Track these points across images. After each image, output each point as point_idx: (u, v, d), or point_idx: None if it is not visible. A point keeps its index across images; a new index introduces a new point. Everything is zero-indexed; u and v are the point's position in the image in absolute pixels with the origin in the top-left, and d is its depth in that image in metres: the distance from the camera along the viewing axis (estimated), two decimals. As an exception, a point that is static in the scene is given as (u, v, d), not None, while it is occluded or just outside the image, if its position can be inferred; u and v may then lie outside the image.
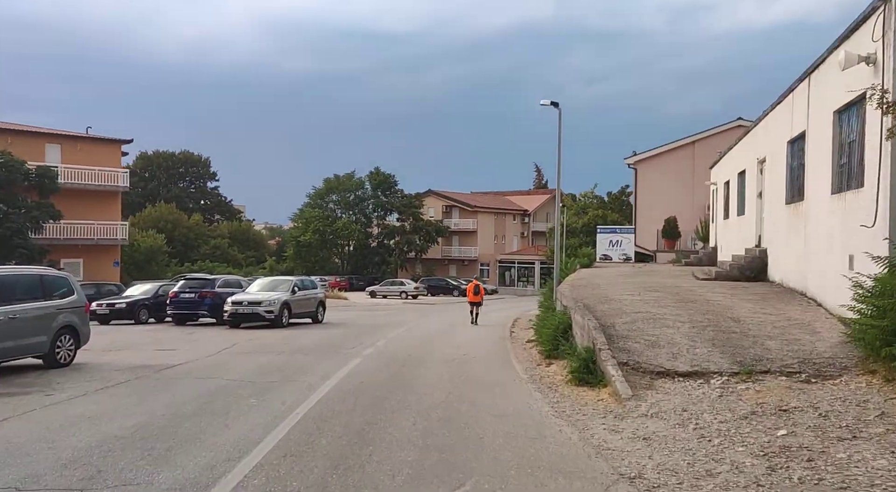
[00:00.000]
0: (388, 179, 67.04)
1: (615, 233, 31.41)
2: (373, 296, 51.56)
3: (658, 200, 39.46)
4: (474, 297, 26.61)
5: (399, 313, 32.56)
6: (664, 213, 38.64)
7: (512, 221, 75.13)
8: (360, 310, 36.63)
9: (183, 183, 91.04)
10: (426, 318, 29.12)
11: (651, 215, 40.15)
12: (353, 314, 31.07)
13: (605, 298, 13.25)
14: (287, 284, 22.57)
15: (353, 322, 24.72)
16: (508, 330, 22.48)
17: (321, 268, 67.36)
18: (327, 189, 67.47)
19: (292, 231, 67.32)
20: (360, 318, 27.97)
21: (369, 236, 68.46)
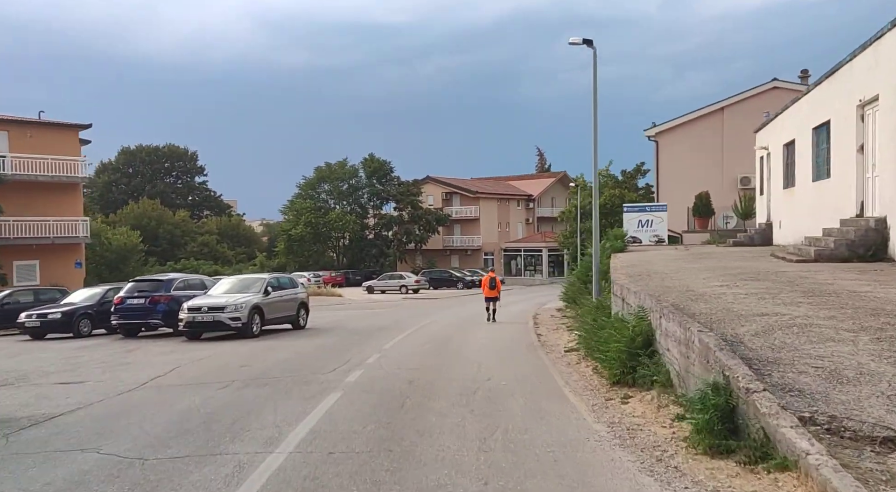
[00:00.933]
0: (383, 166, 62.77)
1: (644, 212, 27.25)
2: (370, 291, 47.47)
3: (683, 175, 35.43)
4: (490, 291, 22.67)
5: (398, 312, 28.44)
6: (690, 189, 34.68)
7: (516, 206, 70.92)
8: (354, 308, 32.52)
9: (169, 178, 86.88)
10: (430, 316, 25.01)
11: (675, 192, 36.14)
12: (345, 315, 26.94)
13: (691, 293, 9.06)
14: (259, 284, 18.42)
15: (343, 326, 20.60)
16: (532, 330, 18.38)
17: (315, 262, 63.25)
18: (319, 178, 63.20)
19: (283, 224, 63.17)
20: (352, 320, 23.84)
21: (365, 228, 64.27)
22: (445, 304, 35.55)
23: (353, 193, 63.62)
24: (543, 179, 76.37)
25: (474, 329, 19.08)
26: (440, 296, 43.91)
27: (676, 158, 36.65)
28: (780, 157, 21.37)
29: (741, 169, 34.33)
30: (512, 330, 19.10)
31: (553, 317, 23.40)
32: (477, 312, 27.84)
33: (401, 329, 19.04)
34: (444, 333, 17.94)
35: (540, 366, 11.33)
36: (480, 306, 33.84)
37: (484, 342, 15.29)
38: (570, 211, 42.53)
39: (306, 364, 12.00)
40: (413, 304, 36.28)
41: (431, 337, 16.62)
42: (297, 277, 57.56)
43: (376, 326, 20.60)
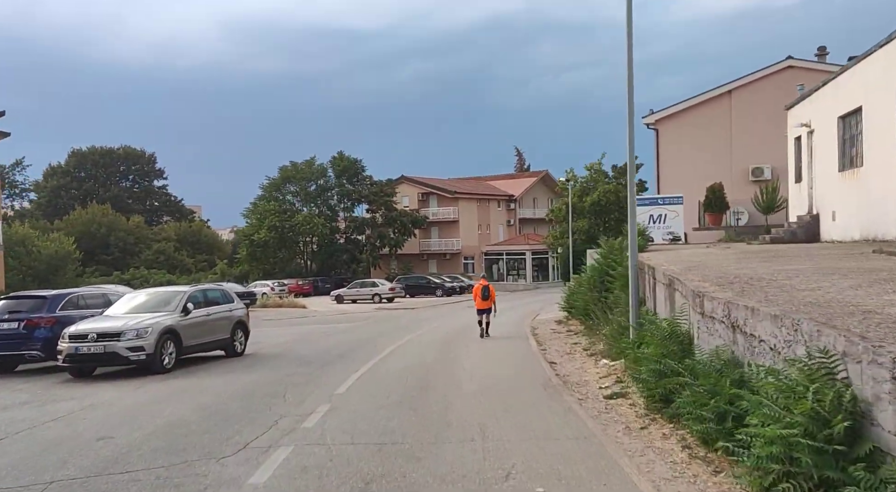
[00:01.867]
0: (353, 165, 58.12)
1: (657, 205, 23.22)
2: (339, 301, 42.82)
3: (686, 167, 31.60)
4: (483, 302, 18.78)
5: (367, 327, 23.93)
6: (695, 182, 30.88)
7: (497, 208, 66.77)
8: (316, 322, 27.92)
9: (126, 182, 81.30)
10: (406, 333, 20.55)
11: (678, 186, 32.29)
12: (303, 332, 22.36)
13: (875, 315, 4.81)
14: (176, 300, 13.80)
15: (293, 351, 16.04)
16: (539, 353, 14.08)
17: (280, 270, 58.35)
18: (284, 179, 58.33)
19: (245, 229, 58.19)
20: (308, 340, 19.28)
21: (335, 231, 59.53)
22: (424, 314, 31.15)
23: (321, 195, 58.88)
24: (524, 179, 72.41)
25: (463, 353, 14.68)
26: (417, 304, 39.47)
27: (679, 149, 32.86)
28: (832, 133, 17.35)
29: (753, 159, 30.57)
30: (513, 351, 14.76)
31: (556, 332, 19.15)
32: (462, 325, 23.53)
33: (366, 355, 14.58)
34: (424, 360, 13.51)
35: (582, 432, 6.93)
36: (463, 317, 29.54)
37: (481, 379, 10.88)
38: (559, 209, 38.49)
39: (204, 434, 7.46)
40: (387, 315, 31.78)
41: (406, 370, 12.17)
42: (260, 285, 52.85)
43: (336, 349, 16.11)
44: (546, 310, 30.23)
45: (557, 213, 38.65)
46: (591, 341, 14.79)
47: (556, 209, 38.58)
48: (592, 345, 14.12)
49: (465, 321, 26.01)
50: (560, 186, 38.84)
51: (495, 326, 19.59)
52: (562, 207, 38.00)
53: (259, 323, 28.92)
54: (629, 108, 11.22)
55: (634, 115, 11.83)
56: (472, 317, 29.37)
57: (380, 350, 15.46)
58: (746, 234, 26.48)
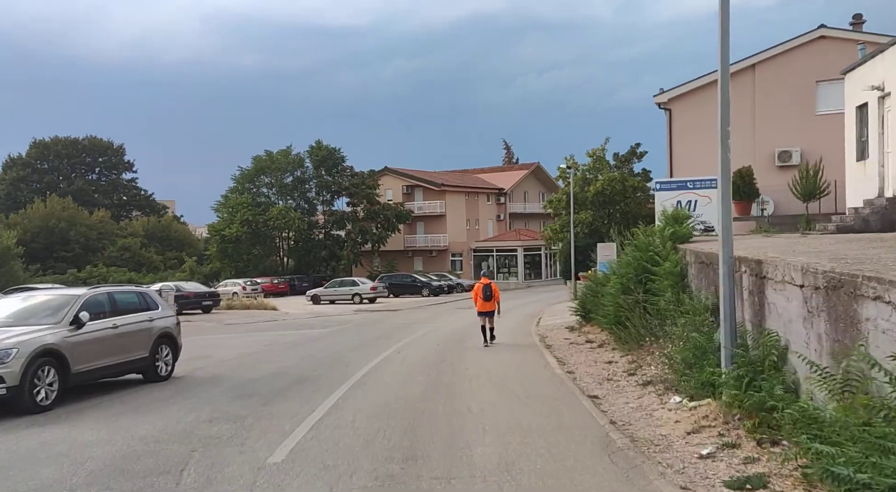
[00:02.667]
0: (332, 154, 54.05)
1: (685, 190, 19.63)
2: (315, 302, 38.87)
3: (703, 151, 28.05)
4: (486, 304, 15.91)
5: (341, 335, 20.06)
6: (714, 167, 27.11)
7: (486, 202, 63.02)
8: (284, 327, 24.00)
9: (92, 175, 76.64)
10: (388, 344, 16.71)
11: (693, 173, 28.84)
12: (264, 342, 18.44)
13: None
14: (66, 308, 9.91)
15: (237, 375, 12.15)
16: (565, 376, 10.31)
17: (254, 268, 54.20)
18: (257, 170, 54.14)
19: (216, 224, 53.94)
20: (265, 354, 15.40)
21: (313, 226, 55.49)
22: (410, 317, 27.34)
23: (298, 187, 54.78)
24: (515, 172, 68.77)
25: (464, 378, 10.88)
26: (402, 305, 35.65)
27: (694, 131, 29.35)
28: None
29: (779, 141, 27.17)
30: (530, 374, 11.00)
31: (574, 344, 15.46)
32: (455, 332, 19.83)
33: (332, 381, 10.77)
34: (410, 392, 9.69)
35: None
36: (455, 320, 25.78)
37: (500, 435, 7.04)
38: (559, 200, 34.84)
39: None
40: (367, 319, 27.94)
41: (383, 412, 8.32)
42: (231, 285, 48.72)
43: (295, 370, 12.27)
44: (549, 313, 26.56)
45: (556, 204, 35.04)
46: (633, 360, 11.10)
47: (555, 200, 34.96)
48: (637, 367, 10.43)
49: (458, 326, 22.26)
50: (560, 173, 35.24)
51: (496, 332, 15.92)
52: (562, 198, 34.37)
53: (218, 329, 25.01)
54: (721, 65, 7.50)
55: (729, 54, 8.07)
56: (465, 320, 25.66)
57: (351, 372, 11.64)
58: (782, 224, 23.05)
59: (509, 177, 66.80)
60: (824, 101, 26.86)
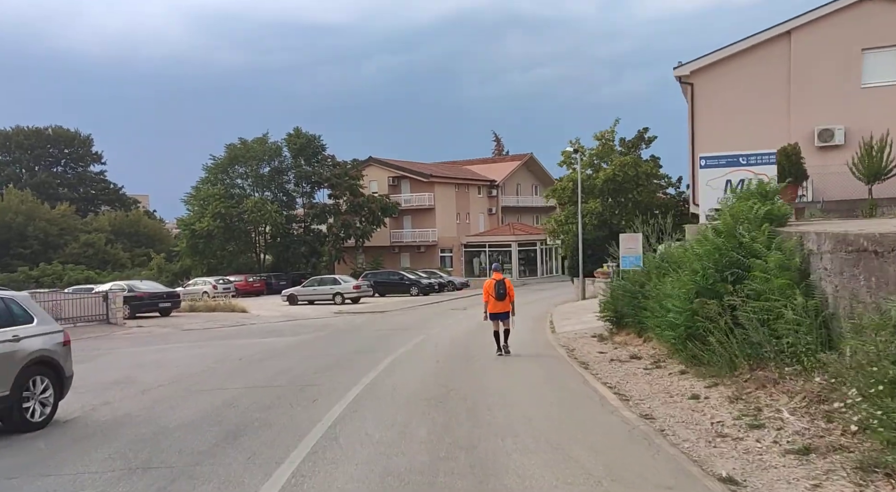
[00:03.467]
0: (312, 142, 50.04)
1: (737, 166, 16.01)
2: (291, 302, 34.98)
3: (731, 130, 24.84)
4: (499, 303, 13.28)
5: (314, 348, 16.19)
6: (742, 149, 24.03)
7: (477, 194, 59.29)
8: (248, 336, 20.08)
9: (58, 167, 71.99)
10: (371, 360, 12.93)
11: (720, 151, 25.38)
12: (215, 359, 14.52)
13: None
14: None
15: (149, 417, 8.26)
16: (650, 429, 6.54)
17: (229, 264, 50.14)
18: (231, 159, 50.00)
19: (187, 218, 49.74)
20: (204, 379, 11.51)
21: (292, 220, 51.49)
22: (398, 320, 23.56)
23: (276, 178, 50.72)
24: (507, 163, 65.12)
25: (489, 424, 7.12)
26: (389, 306, 31.87)
27: (720, 106, 26.11)
28: None
29: (819, 118, 23.79)
30: (587, 417, 7.23)
31: (616, 361, 11.80)
32: (453, 340, 16.16)
33: (280, 441, 7.00)
34: (413, 462, 5.98)
35: None
36: (452, 324, 21.97)
37: None
38: (564, 188, 31.17)
39: None
40: (348, 323, 24.15)
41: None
42: (200, 283, 44.72)
43: (233, 414, 8.43)
44: (559, 315, 22.91)
45: (560, 193, 31.34)
46: (736, 396, 7.40)
47: (559, 188, 31.25)
48: (756, 411, 6.74)
49: (456, 332, 18.54)
50: (564, 159, 31.61)
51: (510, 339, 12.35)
52: (567, 185, 30.73)
53: (169, 337, 21.08)
54: None
55: None
56: (464, 325, 21.92)
57: (316, 417, 7.84)
58: (834, 211, 19.68)
59: (501, 168, 63.17)
60: (872, 72, 23.52)
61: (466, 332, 18.73)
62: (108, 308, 24.07)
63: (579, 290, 28.89)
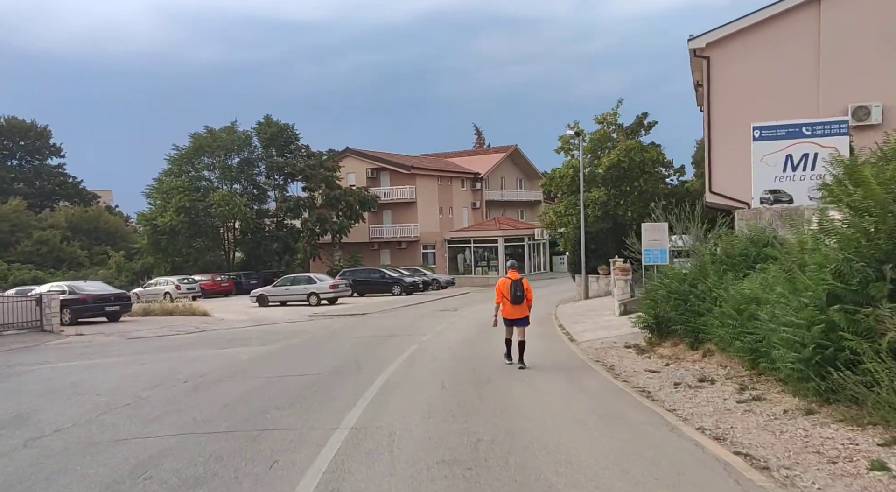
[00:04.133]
0: (284, 132, 46.60)
1: (800, 138, 13.29)
2: (262, 303, 31.69)
3: (752, 108, 22.19)
4: (516, 308, 11.28)
5: (280, 366, 12.97)
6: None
7: (460, 187, 56.31)
8: (207, 346, 16.71)
9: (12, 160, 67.44)
10: (355, 384, 9.87)
11: (739, 135, 22.82)
12: (152, 378, 11.18)
13: None
14: None
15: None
16: None
17: (195, 262, 46.50)
18: (196, 149, 46.34)
19: (148, 213, 45.96)
20: (121, 423, 8.17)
21: (264, 215, 48.01)
22: (382, 325, 20.44)
23: (245, 169, 47.18)
24: (491, 155, 62.19)
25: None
26: (370, 307, 28.72)
27: (740, 82, 23.50)
28: None
29: (853, 94, 21.27)
30: None
31: (672, 381, 8.88)
32: (453, 353, 13.15)
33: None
34: None
35: None
36: (447, 331, 18.78)
37: None
38: (563, 176, 28.25)
39: None
40: (324, 329, 21.00)
41: None
42: (164, 283, 40.98)
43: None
44: (566, 317, 19.99)
45: (557, 182, 28.44)
46: None
47: (557, 177, 28.31)
48: None
49: (453, 340, 15.52)
50: (562, 144, 28.65)
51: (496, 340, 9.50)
52: (566, 173, 27.84)
53: (110, 348, 17.55)
54: None
55: None
56: (461, 331, 18.78)
57: None
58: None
59: (485, 161, 60.26)
60: (917, 41, 21.14)
61: (465, 340, 15.74)
62: (41, 313, 20.61)
63: (581, 288, 26.06)
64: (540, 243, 51.79)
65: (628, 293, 17.19)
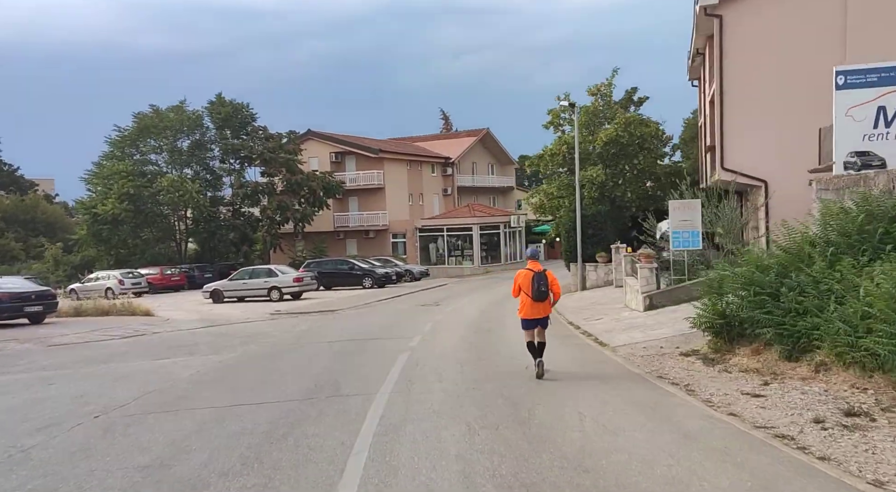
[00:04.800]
0: (239, 111, 42.68)
1: (882, 85, 10.72)
2: (216, 300, 28.18)
3: (771, 73, 20.15)
4: (537, 305, 8.91)
5: (231, 386, 9.62)
6: (784, 96, 19.68)
7: (430, 173, 53.14)
8: (138, 356, 13.18)
9: (-60, 146, 61.73)
10: (338, 422, 6.82)
11: (753, 106, 20.79)
12: (58, 401, 7.74)
13: None
14: None
15: None
16: None
17: (143, 255, 42.34)
18: (140, 130, 42.09)
19: (88, 200, 41.56)
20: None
21: (219, 202, 44.09)
22: (357, 326, 17.28)
23: (197, 153, 43.13)
24: (461, 139, 59.08)
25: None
26: (339, 303, 25.49)
27: (758, 40, 21.30)
28: None
29: (888, 55, 18.99)
30: None
31: (750, 394, 6.02)
32: (456, 357, 10.10)
33: None
34: None
35: None
36: (436, 331, 15.78)
37: None
38: (553, 154, 25.34)
39: None
40: (287, 332, 17.75)
41: None
42: (105, 277, 36.77)
43: None
44: (576, 313, 17.19)
45: (547, 161, 25.55)
46: None
47: (548, 154, 25.35)
48: None
49: (450, 343, 12.42)
50: (552, 118, 25.75)
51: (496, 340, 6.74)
52: (560, 150, 24.96)
53: (19, 359, 13.34)
54: None
55: None
56: (454, 329, 15.80)
57: None
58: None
59: (455, 145, 57.16)
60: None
61: (464, 344, 12.73)
62: (-62, 317, 16.89)
63: (578, 278, 23.35)
64: (516, 231, 49.11)
65: (654, 284, 14.46)
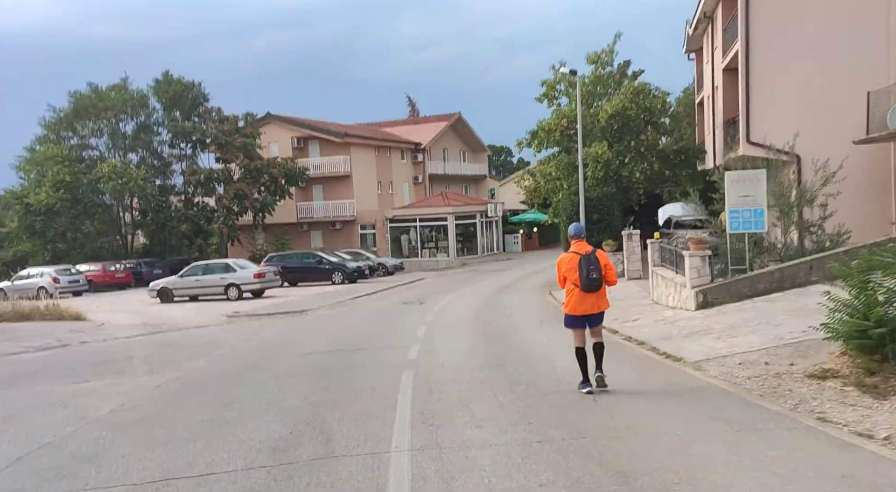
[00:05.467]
0: (189, 90, 38.63)
1: None
2: (165, 299, 24.57)
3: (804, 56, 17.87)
4: (588, 297, 6.78)
5: (170, 431, 6.46)
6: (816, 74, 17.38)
7: (400, 160, 49.83)
8: (55, 378, 9.51)
9: None
10: None
11: (786, 92, 18.42)
12: None
13: None
14: None
15: None
16: None
17: (83, 249, 38.09)
18: (77, 111, 37.72)
19: (18, 189, 37.10)
20: None
21: (169, 191, 40.05)
22: (335, 330, 14.10)
23: (142, 136, 38.94)
24: (431, 124, 55.82)
25: None
26: (307, 302, 22.18)
27: (787, 16, 19.08)
28: None
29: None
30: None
31: None
32: (469, 378, 6.95)
33: None
34: None
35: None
36: (432, 336, 12.73)
37: None
38: (550, 130, 22.32)
39: None
40: (250, 340, 14.46)
41: None
42: (38, 275, 32.35)
43: None
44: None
45: (543, 138, 22.56)
46: None
47: (544, 130, 22.26)
48: None
49: (457, 352, 9.23)
50: (546, 90, 22.84)
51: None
52: (559, 124, 21.97)
53: None
54: None
55: None
56: (452, 333, 12.65)
57: None
58: None
59: (425, 130, 53.90)
60: None
61: (481, 354, 9.69)
62: None
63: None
64: (493, 221, 46.33)
65: (708, 276, 11.71)
